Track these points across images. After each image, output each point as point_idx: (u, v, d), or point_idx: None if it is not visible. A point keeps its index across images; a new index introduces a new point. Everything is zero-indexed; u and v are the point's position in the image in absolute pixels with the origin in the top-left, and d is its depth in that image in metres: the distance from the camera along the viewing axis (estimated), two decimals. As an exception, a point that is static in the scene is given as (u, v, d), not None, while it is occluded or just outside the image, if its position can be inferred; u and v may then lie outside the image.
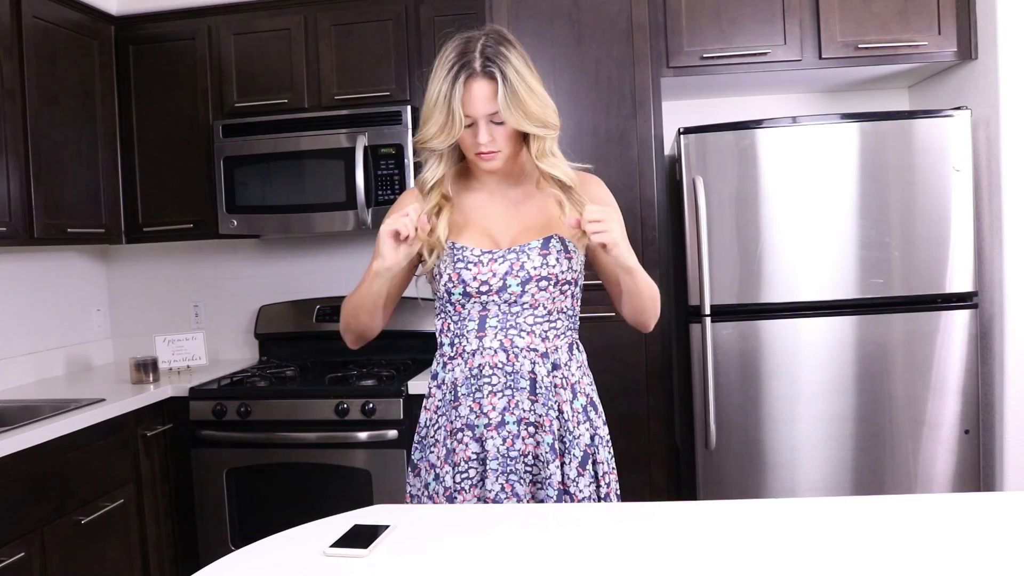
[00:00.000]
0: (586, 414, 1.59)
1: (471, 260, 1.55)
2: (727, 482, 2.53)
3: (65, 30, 2.84)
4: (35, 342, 3.07)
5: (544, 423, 1.54)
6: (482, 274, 1.54)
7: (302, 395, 2.70)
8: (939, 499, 1.35)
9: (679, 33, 2.62)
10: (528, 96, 1.45)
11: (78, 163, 2.89)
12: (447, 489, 1.56)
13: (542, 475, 1.55)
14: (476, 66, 1.44)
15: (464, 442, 1.55)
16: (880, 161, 2.45)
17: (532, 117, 1.46)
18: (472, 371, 1.55)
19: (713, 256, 2.49)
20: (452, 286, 1.55)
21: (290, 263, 3.39)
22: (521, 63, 1.47)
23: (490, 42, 1.47)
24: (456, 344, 1.58)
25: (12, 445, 2.10)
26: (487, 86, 1.45)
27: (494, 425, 1.54)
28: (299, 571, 1.16)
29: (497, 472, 1.53)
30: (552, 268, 1.54)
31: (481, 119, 1.47)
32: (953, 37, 2.57)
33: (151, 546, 2.69)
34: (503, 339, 1.54)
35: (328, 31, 3.00)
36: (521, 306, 1.54)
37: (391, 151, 2.88)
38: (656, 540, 1.21)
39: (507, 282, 1.53)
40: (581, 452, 1.56)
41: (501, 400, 1.54)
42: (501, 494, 1.53)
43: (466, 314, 1.56)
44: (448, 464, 1.57)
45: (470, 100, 1.45)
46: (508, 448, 1.53)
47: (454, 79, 1.44)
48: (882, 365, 2.48)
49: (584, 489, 1.55)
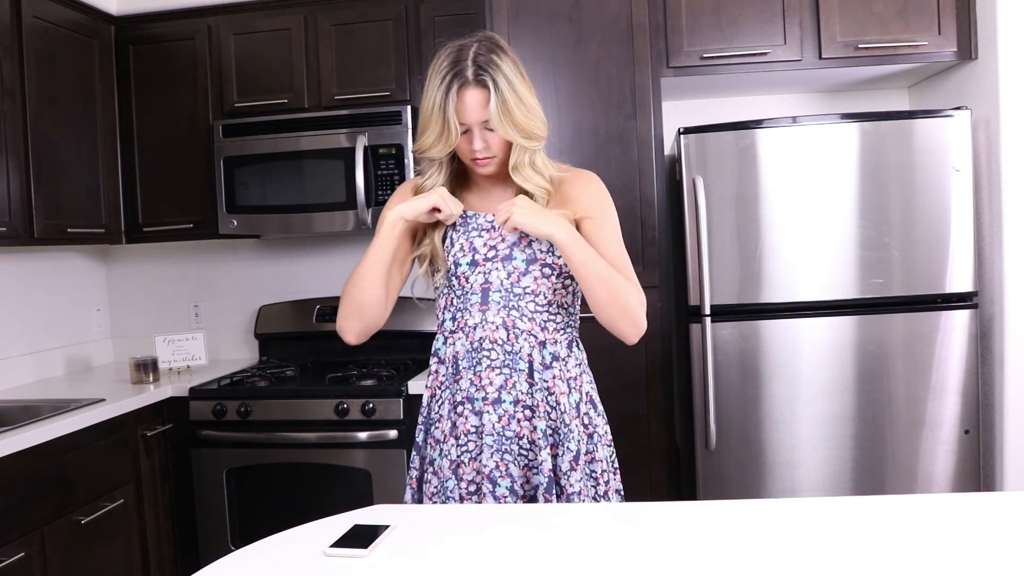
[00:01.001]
0: (579, 410, 1.59)
1: (483, 227, 1.59)
2: (727, 482, 2.53)
3: (65, 30, 2.84)
4: (35, 342, 3.07)
5: (540, 408, 1.55)
6: (492, 239, 1.58)
7: (302, 395, 2.70)
8: (939, 499, 1.35)
9: (679, 33, 2.62)
10: (517, 106, 1.48)
11: (78, 163, 2.89)
12: (452, 462, 1.58)
13: (536, 459, 1.56)
14: (468, 75, 1.46)
15: (464, 415, 1.58)
16: (880, 161, 2.46)
17: (519, 128, 1.49)
18: (473, 344, 1.57)
19: (713, 256, 2.49)
20: (462, 255, 1.58)
21: (290, 263, 3.39)
22: (513, 71, 1.49)
23: (482, 50, 1.49)
24: (459, 318, 1.60)
25: (12, 445, 2.10)
26: (479, 94, 1.47)
27: (491, 400, 1.56)
28: (299, 571, 1.16)
29: (493, 449, 1.55)
30: (557, 259, 1.57)
31: (475, 126, 1.50)
32: (953, 37, 2.57)
33: (151, 546, 2.69)
34: (505, 317, 1.56)
35: (328, 31, 3.00)
36: (523, 289, 1.56)
37: (391, 151, 2.89)
38: (656, 540, 1.21)
39: (513, 253, 1.57)
40: (575, 447, 1.56)
41: (499, 377, 1.56)
42: (496, 472, 1.54)
43: (469, 287, 1.58)
44: (452, 437, 1.59)
45: (463, 108, 1.48)
46: (504, 427, 1.55)
47: (447, 88, 1.47)
48: (882, 365, 2.48)
49: (575, 484, 1.55)
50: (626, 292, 1.53)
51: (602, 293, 1.51)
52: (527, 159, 1.54)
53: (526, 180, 1.55)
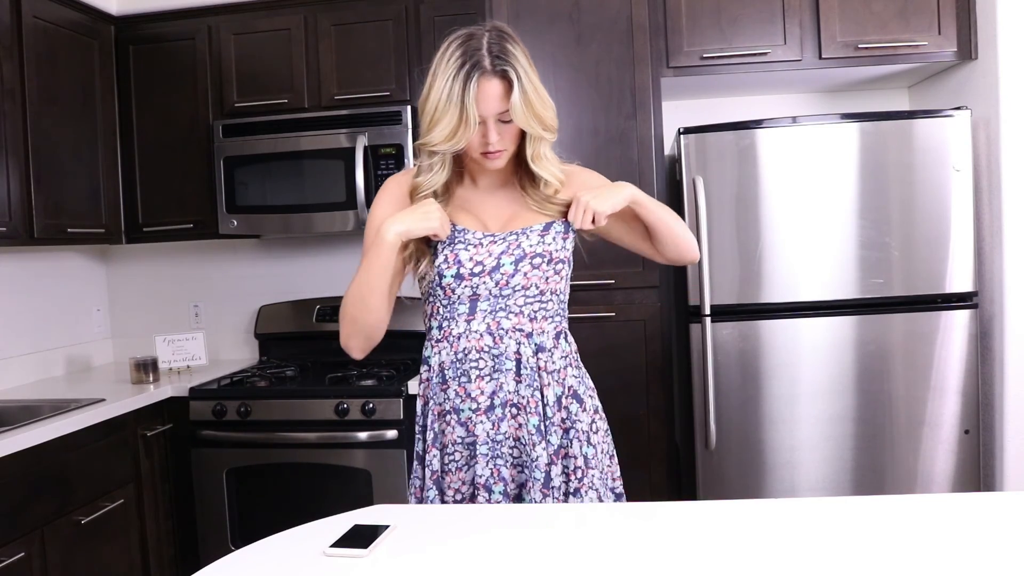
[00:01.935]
0: (561, 403, 1.57)
1: (471, 242, 1.54)
2: (727, 482, 2.53)
3: (65, 30, 2.84)
4: (35, 342, 3.07)
5: (529, 404, 1.53)
6: (479, 255, 1.53)
7: (302, 395, 2.70)
8: (939, 499, 1.35)
9: (679, 33, 2.62)
10: (536, 98, 1.44)
11: (78, 163, 2.89)
12: (434, 472, 1.56)
13: (525, 458, 1.53)
14: (487, 64, 1.41)
15: (451, 424, 1.55)
16: (880, 161, 2.46)
17: (539, 119, 1.46)
18: (457, 355, 1.54)
19: (713, 256, 2.49)
20: (446, 267, 1.53)
21: (290, 263, 3.39)
22: (527, 62, 1.45)
23: (495, 38, 1.44)
24: (444, 328, 1.57)
25: (12, 445, 2.10)
26: (499, 85, 1.42)
27: (483, 409, 1.53)
28: (299, 571, 1.15)
29: (487, 457, 1.53)
30: (548, 246, 1.55)
31: (491, 118, 1.45)
32: (953, 37, 2.57)
33: (151, 546, 2.69)
34: (490, 322, 1.53)
35: (328, 31, 3.00)
36: (512, 288, 1.53)
37: (391, 151, 2.89)
38: (656, 540, 1.21)
39: (501, 261, 1.53)
40: (557, 440, 1.55)
41: (489, 384, 1.53)
42: (490, 479, 1.53)
43: (456, 298, 1.55)
44: (436, 447, 1.57)
45: (483, 99, 1.42)
46: (495, 432, 1.53)
47: (466, 77, 1.40)
48: (882, 365, 2.48)
49: (555, 478, 1.54)
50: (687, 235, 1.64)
51: (684, 232, 1.62)
52: (543, 150, 1.53)
53: (545, 169, 1.53)
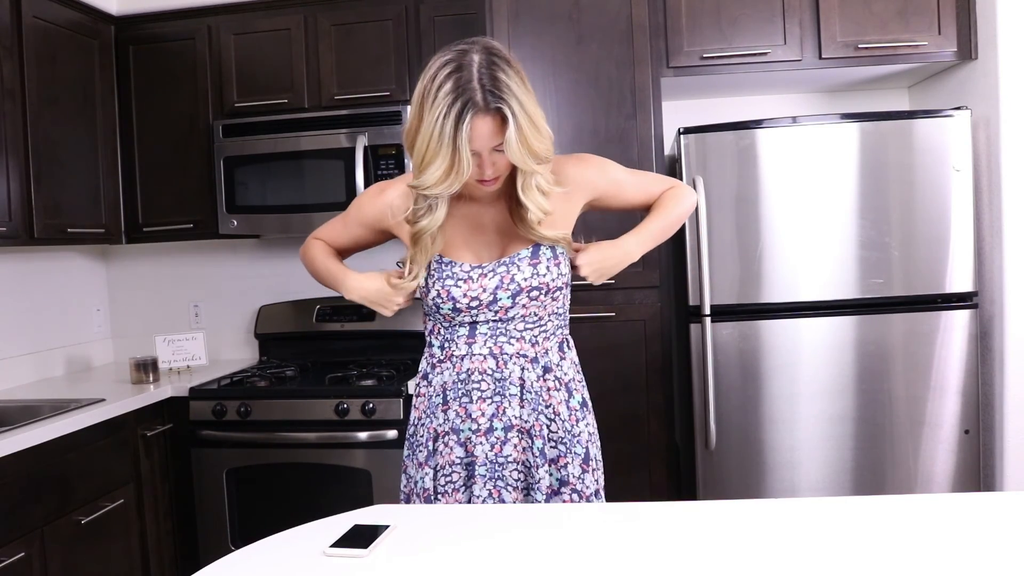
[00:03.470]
0: (584, 411, 1.59)
1: (460, 276, 1.51)
2: (727, 482, 2.53)
3: (65, 30, 2.84)
4: (35, 342, 3.07)
5: (535, 428, 1.53)
6: (472, 290, 1.50)
7: (302, 395, 2.70)
8: (939, 499, 1.35)
9: (679, 33, 2.62)
10: (532, 133, 1.36)
11: (78, 163, 2.89)
12: (425, 490, 1.56)
13: (530, 479, 1.54)
14: (479, 100, 1.32)
15: (450, 445, 1.54)
16: (880, 161, 2.46)
17: (534, 154, 1.37)
18: (460, 376, 1.54)
19: (713, 256, 2.49)
20: (441, 302, 1.52)
21: (290, 263, 3.39)
22: (521, 88, 1.35)
23: (484, 65, 1.33)
24: (446, 348, 1.56)
25: (12, 445, 2.10)
26: (493, 122, 1.34)
27: (483, 431, 1.53)
28: (299, 571, 1.15)
29: (485, 478, 1.52)
30: (543, 277, 1.51)
31: (485, 151, 1.38)
32: (953, 37, 2.57)
33: (151, 546, 2.69)
34: (492, 346, 1.53)
35: (328, 31, 3.00)
36: (511, 317, 1.53)
37: (391, 151, 2.89)
38: (656, 540, 1.21)
39: (497, 295, 1.50)
40: (583, 449, 1.56)
41: (490, 406, 1.53)
42: (489, 500, 1.52)
43: (456, 322, 1.55)
44: (429, 466, 1.56)
45: (476, 137, 1.34)
46: (496, 454, 1.52)
47: (458, 117, 1.31)
48: (882, 365, 2.48)
49: (590, 485, 1.55)
50: (683, 209, 1.66)
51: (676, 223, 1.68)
52: (534, 181, 1.45)
53: (531, 201, 1.46)
